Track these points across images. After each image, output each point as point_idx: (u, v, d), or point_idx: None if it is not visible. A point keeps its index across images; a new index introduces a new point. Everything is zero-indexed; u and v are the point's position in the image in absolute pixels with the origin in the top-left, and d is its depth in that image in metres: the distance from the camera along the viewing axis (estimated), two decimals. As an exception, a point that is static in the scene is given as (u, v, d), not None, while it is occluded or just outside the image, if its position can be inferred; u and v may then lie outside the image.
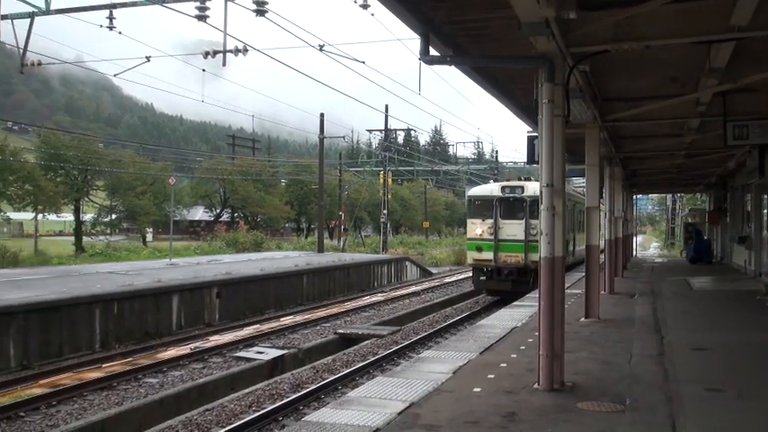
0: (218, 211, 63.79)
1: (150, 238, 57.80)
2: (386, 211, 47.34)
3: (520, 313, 14.30)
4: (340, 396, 10.27)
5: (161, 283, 19.31)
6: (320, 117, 40.97)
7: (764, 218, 21.23)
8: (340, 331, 18.56)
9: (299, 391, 11.89)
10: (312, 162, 64.68)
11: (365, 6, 16.85)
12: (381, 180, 49.00)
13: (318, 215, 44.69)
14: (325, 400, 11.35)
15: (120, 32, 19.23)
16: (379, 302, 25.05)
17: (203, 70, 23.28)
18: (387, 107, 49.30)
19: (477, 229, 23.87)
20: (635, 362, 9.19)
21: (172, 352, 15.61)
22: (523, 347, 10.25)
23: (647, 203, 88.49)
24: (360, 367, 13.73)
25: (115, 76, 24.09)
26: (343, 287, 28.91)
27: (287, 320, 20.43)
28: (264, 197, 59.70)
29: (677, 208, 59.02)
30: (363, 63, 21.44)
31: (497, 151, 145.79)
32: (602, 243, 17.34)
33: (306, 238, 62.48)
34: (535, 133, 12.23)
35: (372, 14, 17.99)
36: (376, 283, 32.50)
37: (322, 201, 42.54)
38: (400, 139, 78.14)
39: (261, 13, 16.57)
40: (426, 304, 24.90)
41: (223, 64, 18.73)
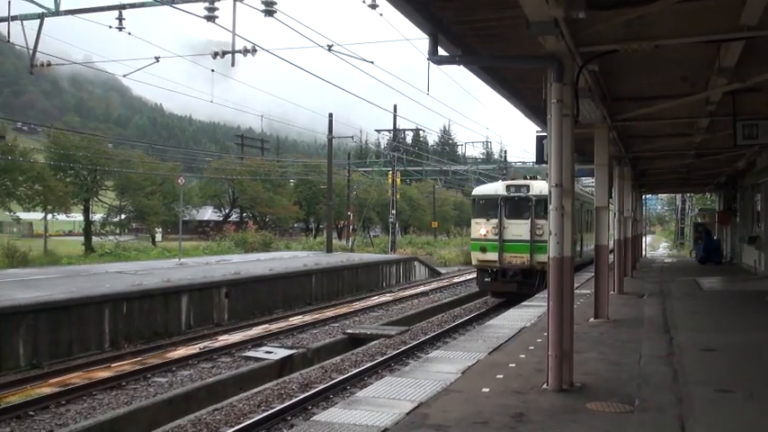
0: (227, 212, 64.00)
1: (159, 238, 57.98)
2: (394, 211, 47.33)
3: (529, 313, 14.27)
4: (349, 396, 10.27)
5: (170, 282, 19.36)
6: (329, 117, 41.04)
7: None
8: (349, 331, 18.56)
9: (307, 391, 11.90)
10: (321, 162, 64.81)
11: (374, 6, 16.82)
12: (390, 180, 49.01)
13: (327, 215, 44.72)
14: (334, 399, 11.34)
15: (130, 33, 19.32)
16: (388, 302, 25.03)
17: (212, 71, 23.40)
18: (395, 107, 49.42)
19: (482, 229, 23.29)
20: (644, 362, 9.15)
21: (181, 351, 15.64)
22: (532, 348, 10.22)
23: (656, 203, 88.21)
24: (368, 367, 13.72)
25: (124, 76, 24.20)
26: (352, 287, 28.91)
27: (296, 320, 20.44)
28: (273, 197, 59.83)
29: (687, 208, 58.86)
30: (372, 63, 21.47)
31: (506, 151, 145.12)
32: (612, 243, 17.30)
33: (314, 238, 62.50)
34: (544, 133, 12.23)
35: (381, 14, 17.93)
36: (384, 284, 32.47)
37: (331, 201, 42.58)
38: (409, 140, 78.17)
39: (269, 13, 16.61)
40: (435, 304, 24.85)
41: (232, 64, 18.79)
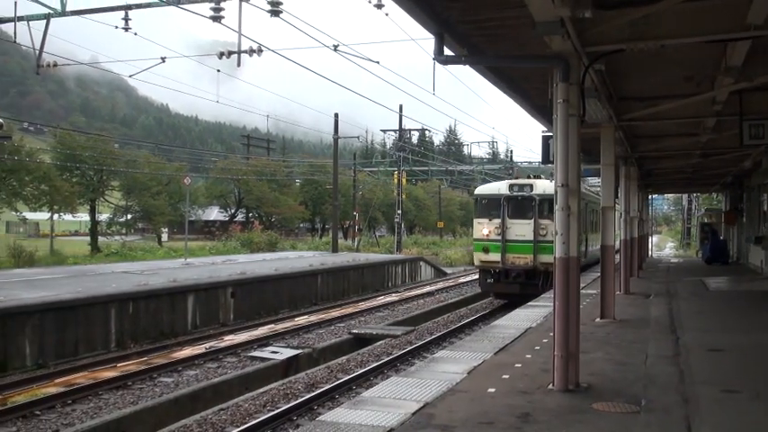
0: (233, 212, 64.07)
1: (165, 238, 58.07)
2: (400, 211, 47.36)
3: (535, 313, 14.24)
4: (354, 396, 10.28)
5: (176, 282, 19.40)
6: (335, 117, 41.02)
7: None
8: (354, 331, 18.56)
9: (313, 391, 11.90)
10: (326, 162, 64.76)
11: (379, 6, 16.81)
12: (396, 180, 49.05)
13: (333, 215, 44.73)
14: (340, 399, 11.34)
15: (136, 33, 19.30)
16: (394, 303, 25.02)
17: (218, 71, 23.38)
18: (401, 107, 49.34)
19: (484, 229, 22.89)
20: (650, 363, 9.13)
21: (187, 351, 15.66)
22: (538, 348, 10.21)
23: (662, 203, 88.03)
24: (374, 367, 13.72)
25: (130, 76, 24.11)
26: (358, 287, 28.92)
27: (301, 320, 20.45)
28: (279, 197, 59.90)
29: (693, 208, 58.72)
30: (378, 63, 21.48)
31: (512, 151, 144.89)
32: (618, 243, 17.26)
33: (320, 238, 62.58)
34: (550, 133, 12.18)
35: (387, 14, 17.99)
36: (390, 284, 32.46)
37: (336, 201, 42.58)
38: (415, 140, 78.29)
39: (275, 13, 16.61)
40: (441, 304, 24.82)
41: (238, 64, 18.79)
